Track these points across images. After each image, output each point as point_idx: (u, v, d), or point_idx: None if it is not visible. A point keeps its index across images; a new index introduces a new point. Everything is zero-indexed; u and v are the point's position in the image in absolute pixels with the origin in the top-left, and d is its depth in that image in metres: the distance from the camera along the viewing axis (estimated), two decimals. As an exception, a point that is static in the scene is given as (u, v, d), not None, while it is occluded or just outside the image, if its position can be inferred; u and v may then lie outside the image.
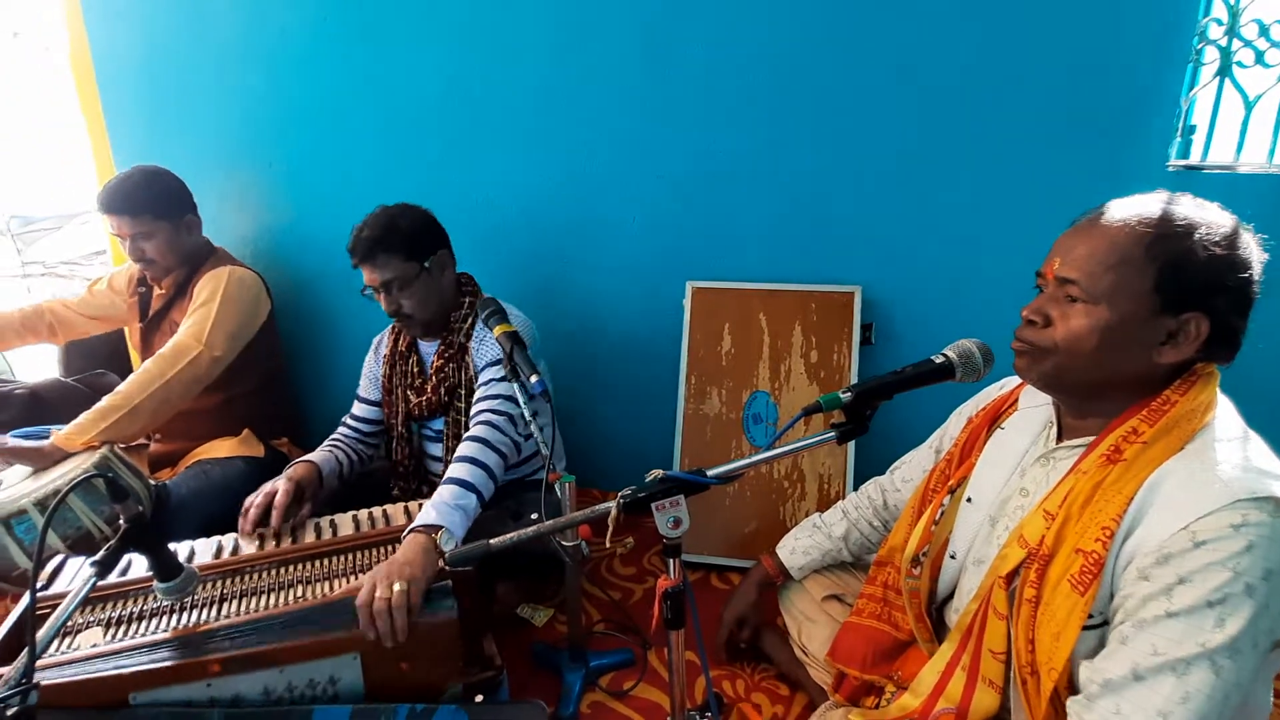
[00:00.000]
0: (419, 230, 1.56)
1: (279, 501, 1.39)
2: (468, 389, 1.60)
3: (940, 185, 1.74)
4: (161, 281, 1.90)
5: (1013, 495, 0.96)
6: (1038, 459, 0.95)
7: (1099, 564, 0.79)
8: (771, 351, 1.86)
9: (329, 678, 1.11)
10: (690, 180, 1.91)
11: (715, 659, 1.47)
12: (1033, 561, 0.84)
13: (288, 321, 2.25)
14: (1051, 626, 0.81)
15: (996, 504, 0.98)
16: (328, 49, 2.07)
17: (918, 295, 1.84)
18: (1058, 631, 0.80)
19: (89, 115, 2.38)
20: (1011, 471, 0.98)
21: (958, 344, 0.92)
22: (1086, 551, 0.80)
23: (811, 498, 1.81)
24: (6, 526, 1.44)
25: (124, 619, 1.16)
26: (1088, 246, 0.84)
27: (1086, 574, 0.79)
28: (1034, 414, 1.00)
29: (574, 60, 1.89)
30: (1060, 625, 0.80)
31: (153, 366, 1.68)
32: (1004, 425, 1.04)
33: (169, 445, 1.95)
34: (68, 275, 7.15)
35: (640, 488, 0.90)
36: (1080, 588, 0.79)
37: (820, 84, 1.75)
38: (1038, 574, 0.83)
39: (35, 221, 7.32)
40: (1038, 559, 0.84)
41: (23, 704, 0.77)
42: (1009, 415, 1.05)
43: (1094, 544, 0.79)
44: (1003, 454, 1.01)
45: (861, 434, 0.92)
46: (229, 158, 2.28)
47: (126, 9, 2.23)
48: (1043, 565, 0.83)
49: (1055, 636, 0.80)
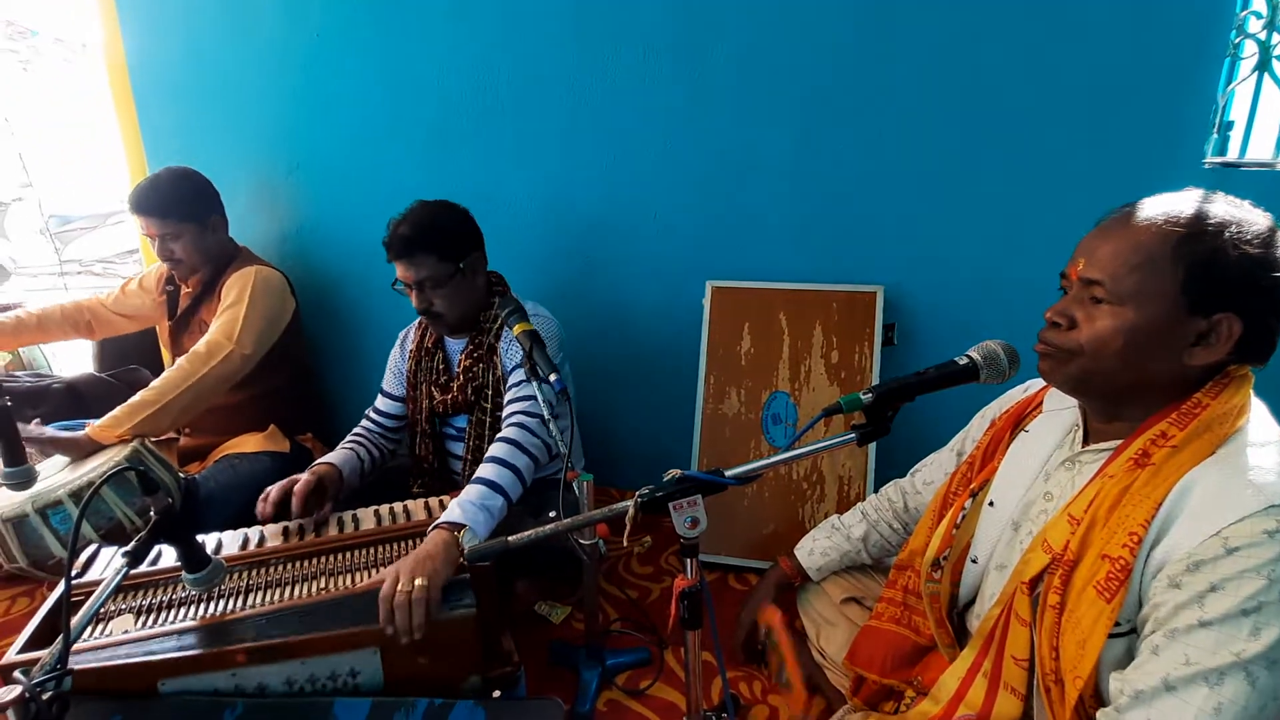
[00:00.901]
0: (456, 230, 1.55)
1: (299, 489, 1.41)
2: (495, 389, 1.60)
3: (967, 184, 1.72)
4: (188, 280, 1.95)
5: (1036, 500, 0.94)
6: (1063, 463, 0.93)
7: (1126, 570, 0.77)
8: (791, 352, 1.85)
9: (349, 670, 1.13)
10: (711, 179, 1.90)
11: (732, 660, 1.46)
12: (1057, 567, 0.83)
13: (312, 320, 2.28)
14: (1076, 634, 0.79)
15: (1019, 508, 0.96)
16: (356, 52, 2.10)
17: (942, 296, 1.81)
18: (1083, 639, 0.79)
19: (123, 117, 2.44)
20: (1035, 475, 0.96)
21: (982, 345, 0.91)
22: (1113, 557, 0.78)
23: (831, 500, 1.79)
24: (43, 516, 1.48)
25: (154, 607, 1.19)
26: (1112, 246, 0.82)
27: (1113, 580, 0.77)
28: (1059, 417, 0.98)
29: (599, 60, 1.89)
30: (1085, 632, 0.79)
31: (185, 364, 1.73)
32: (1028, 428, 1.02)
33: (198, 439, 2.00)
34: (102, 273, 7.35)
35: (658, 487, 0.90)
36: (1106, 594, 0.78)
37: (846, 82, 1.73)
38: (1062, 580, 0.82)
39: (73, 221, 7.55)
40: (1062, 565, 0.82)
41: (57, 689, 0.79)
42: (1033, 418, 1.03)
43: (1121, 550, 0.78)
44: (1026, 458, 0.99)
45: (883, 435, 0.91)
46: (257, 160, 2.33)
47: (160, 14, 2.29)
48: (1067, 571, 0.82)
49: (1080, 644, 0.79)
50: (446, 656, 1.16)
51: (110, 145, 2.59)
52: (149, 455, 1.66)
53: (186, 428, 2.01)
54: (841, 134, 1.77)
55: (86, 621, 0.90)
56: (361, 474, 1.64)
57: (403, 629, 1.11)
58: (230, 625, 1.13)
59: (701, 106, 1.85)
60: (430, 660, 1.15)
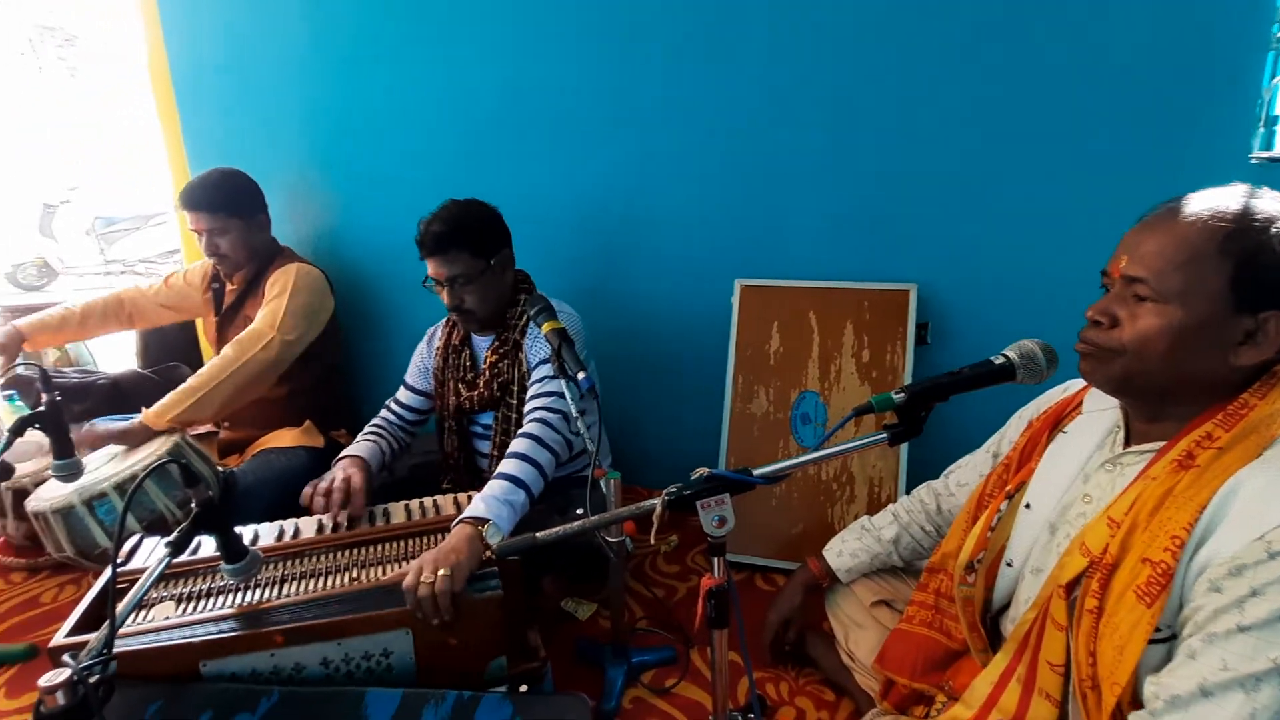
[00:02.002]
0: (487, 228, 1.58)
1: (357, 485, 1.45)
2: (520, 385, 1.61)
3: (1005, 179, 1.68)
4: (233, 277, 2.01)
5: (1075, 502, 0.92)
6: (1103, 464, 0.91)
7: (1168, 575, 0.75)
8: (821, 351, 1.83)
9: (382, 650, 1.16)
10: (740, 177, 1.89)
11: (759, 660, 1.45)
12: (1095, 571, 0.81)
13: (344, 318, 2.32)
14: (1114, 639, 0.77)
15: (1057, 511, 0.94)
16: (387, 56, 2.14)
17: (977, 293, 1.78)
18: (1121, 644, 0.77)
19: (165, 122, 2.52)
20: (1074, 477, 0.94)
21: (1019, 344, 0.89)
22: (1154, 561, 0.76)
23: (861, 501, 1.77)
24: (89, 507, 1.54)
25: (194, 595, 1.23)
26: (1156, 243, 0.80)
27: (1154, 585, 0.75)
28: (1099, 417, 0.96)
29: (627, 59, 1.89)
30: (1124, 638, 0.77)
31: (231, 351, 1.78)
32: (1066, 429, 1.00)
33: (237, 433, 2.05)
34: (144, 273, 7.60)
35: (686, 485, 0.90)
36: (1147, 599, 0.76)
37: (878, 77, 1.71)
38: (1100, 584, 0.80)
39: (117, 223, 7.82)
40: (1100, 568, 0.80)
41: (104, 673, 0.82)
42: (1072, 419, 1.00)
43: (1162, 554, 0.76)
44: (1065, 459, 0.97)
45: (915, 436, 0.90)
46: (292, 162, 2.38)
47: (201, 22, 2.35)
48: (1106, 575, 0.80)
49: (1118, 650, 0.77)
50: (473, 637, 1.19)
51: (152, 149, 2.67)
52: (190, 449, 1.71)
53: (226, 422, 2.07)
54: (873, 129, 1.75)
55: (131, 608, 0.93)
56: (381, 466, 1.67)
57: (429, 616, 1.14)
58: (267, 612, 1.16)
59: (730, 104, 1.84)
60: (459, 641, 1.18)
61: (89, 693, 0.79)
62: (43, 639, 1.57)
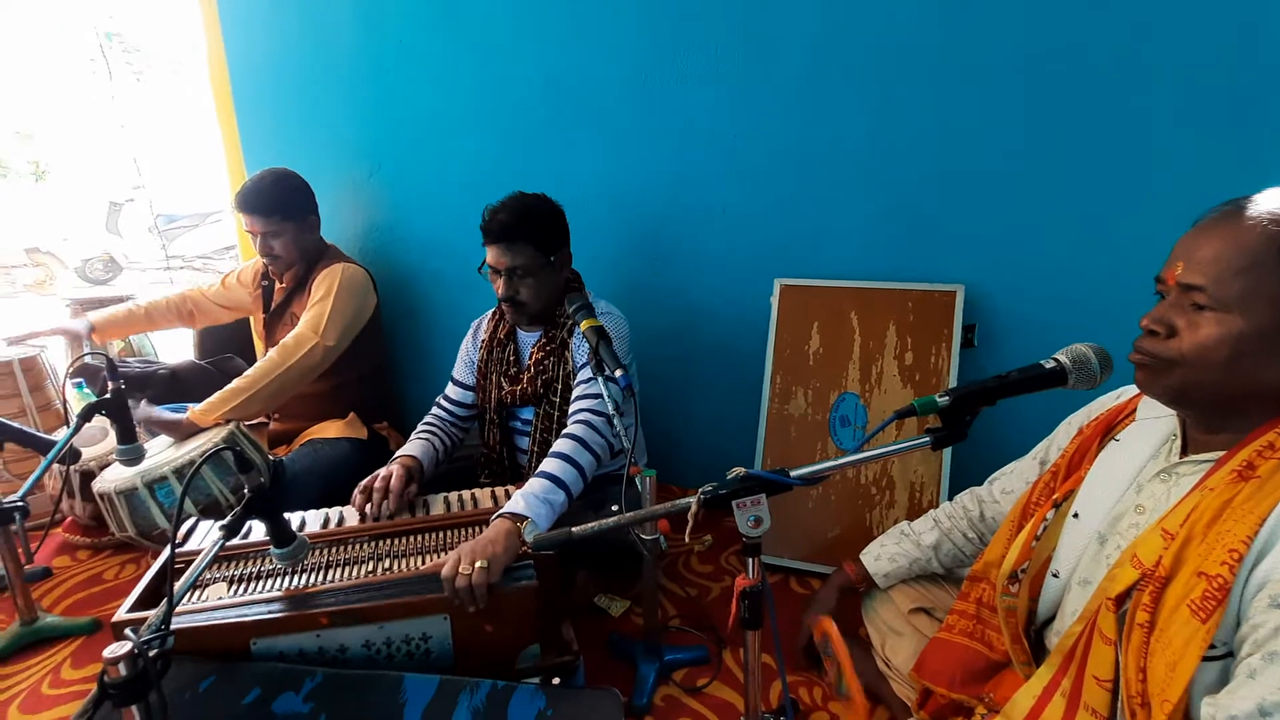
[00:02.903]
0: (552, 224, 1.59)
1: (395, 484, 1.48)
2: (564, 384, 1.63)
3: (1058, 176, 1.63)
4: (283, 276, 2.08)
5: (1126, 512, 0.89)
6: (1157, 474, 0.87)
7: (1224, 589, 0.72)
8: (863, 352, 1.80)
9: (421, 634, 1.20)
10: (782, 175, 1.88)
11: (792, 663, 1.44)
12: (1147, 583, 0.78)
13: (388, 313, 2.39)
14: (1167, 655, 0.75)
15: (1107, 521, 0.91)
16: (433, 59, 2.19)
17: (1027, 296, 1.72)
18: (1174, 661, 0.74)
19: (224, 123, 2.63)
20: (1126, 486, 0.91)
21: (1071, 348, 0.86)
22: (1210, 575, 0.73)
23: (901, 506, 1.73)
24: (150, 490, 1.61)
25: (245, 577, 1.28)
26: (1213, 248, 0.76)
27: (1209, 600, 0.72)
28: (1154, 425, 0.92)
29: (669, 58, 1.90)
30: (1177, 654, 0.74)
31: (276, 355, 1.85)
32: (1119, 437, 0.96)
33: (285, 425, 2.13)
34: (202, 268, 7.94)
35: (722, 484, 0.90)
36: (1201, 614, 0.73)
37: (924, 71, 1.68)
38: (1152, 597, 0.77)
39: (177, 220, 8.18)
40: (1153, 581, 0.77)
41: (162, 647, 0.86)
42: (1125, 426, 0.97)
43: (1219, 567, 0.72)
44: (1116, 467, 0.93)
45: (959, 440, 0.88)
46: (342, 162, 2.45)
47: (258, 28, 2.44)
48: (1159, 588, 0.77)
49: (1170, 666, 0.74)
50: (508, 624, 1.22)
51: (211, 149, 2.79)
52: (243, 438, 1.78)
53: (275, 413, 2.14)
54: (920, 125, 1.71)
55: (187, 588, 0.98)
56: (435, 463, 1.71)
57: (466, 604, 1.17)
58: (313, 596, 1.20)
59: (772, 101, 1.83)
60: (495, 628, 1.21)
61: (148, 665, 0.83)
62: (104, 614, 1.66)
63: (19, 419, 2.01)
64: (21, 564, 1.55)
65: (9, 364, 2.12)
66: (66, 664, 1.51)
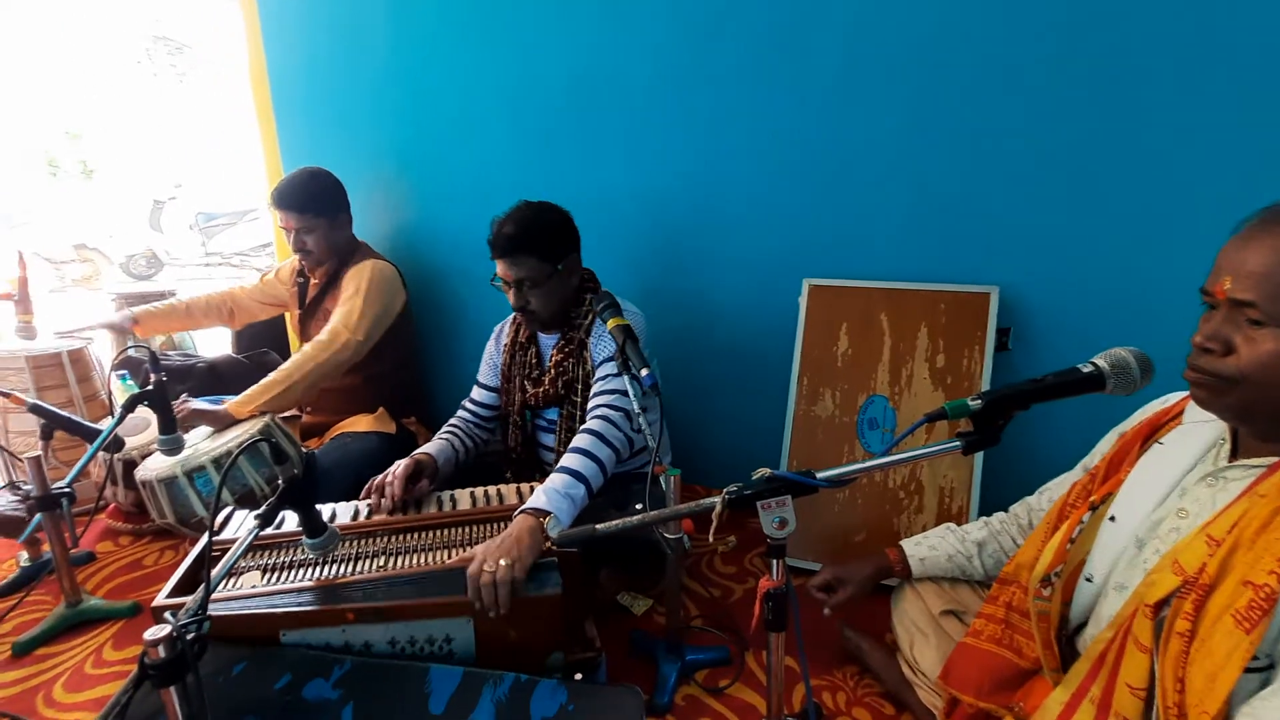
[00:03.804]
0: (557, 232, 1.61)
1: (400, 472, 1.51)
2: (584, 383, 1.64)
3: (1097, 176, 1.58)
4: (316, 272, 2.13)
5: (1168, 516, 0.86)
6: (1203, 478, 0.85)
7: (1271, 599, 0.70)
8: (893, 354, 1.77)
9: (445, 636, 1.21)
10: (813, 173, 1.86)
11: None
12: (1189, 591, 0.76)
13: (417, 310, 2.42)
14: (1207, 665, 0.73)
15: (1146, 525, 0.89)
16: (463, 61, 2.21)
17: (1065, 298, 1.68)
18: (1214, 671, 0.72)
19: (263, 123, 2.69)
20: (1169, 490, 0.88)
21: (1110, 352, 0.84)
22: (1257, 584, 0.71)
23: (930, 511, 1.70)
24: (189, 479, 1.66)
25: (277, 566, 1.31)
26: (1261, 260, 0.73)
27: (1255, 609, 0.70)
28: (1202, 429, 0.90)
29: (699, 56, 1.89)
30: (1218, 665, 0.72)
31: (310, 349, 1.90)
32: (1163, 440, 0.94)
33: (317, 418, 2.18)
34: (239, 265, 8.15)
35: (747, 485, 0.89)
36: (1246, 624, 0.70)
37: (961, 65, 1.64)
38: (1194, 605, 0.75)
39: (216, 218, 8.42)
40: (1196, 588, 0.75)
41: (199, 631, 0.89)
42: (1170, 429, 0.94)
43: (1267, 576, 0.70)
44: (1159, 471, 0.91)
45: (991, 445, 0.86)
46: (374, 161, 2.50)
47: (297, 30, 2.50)
48: (1201, 596, 0.75)
49: (1210, 677, 0.72)
50: (532, 632, 1.22)
51: (249, 148, 2.86)
52: (278, 430, 1.83)
53: (307, 407, 2.19)
54: (954, 122, 1.68)
55: (223, 575, 1.01)
56: (456, 463, 1.72)
57: (489, 605, 1.17)
58: (342, 588, 1.23)
59: (803, 98, 1.81)
60: (518, 634, 1.21)
61: (186, 648, 0.86)
62: (144, 598, 1.71)
63: (67, 408, 2.08)
64: (68, 548, 1.61)
65: (58, 355, 2.20)
66: (108, 645, 1.56)
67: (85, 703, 1.39)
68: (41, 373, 2.18)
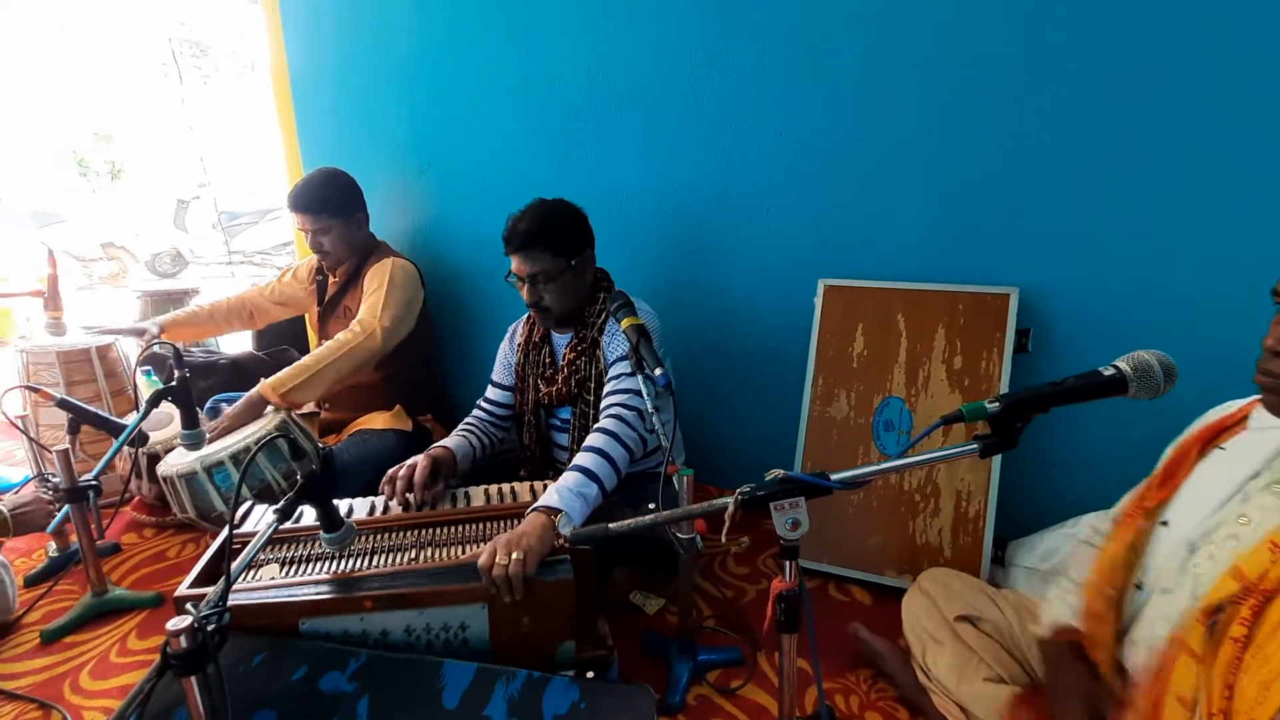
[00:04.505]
0: (571, 229, 1.61)
1: (419, 478, 1.50)
2: (597, 382, 1.65)
3: (1120, 175, 1.56)
4: (335, 271, 2.16)
5: (1227, 521, 0.84)
6: (1269, 485, 0.82)
7: None
8: (909, 355, 1.76)
9: (460, 623, 1.23)
10: (830, 172, 1.85)
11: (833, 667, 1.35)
12: (1248, 596, 0.74)
13: (435, 309, 2.45)
14: (1262, 673, 0.70)
15: (1200, 530, 0.86)
16: (481, 60, 2.23)
17: (1086, 300, 1.65)
18: (1268, 680, 0.70)
19: (284, 124, 2.73)
20: (1228, 496, 0.86)
21: (1132, 355, 0.82)
22: None
23: (946, 515, 1.69)
24: (209, 474, 1.69)
25: (295, 560, 1.33)
26: None
27: None
28: (1269, 436, 0.87)
29: (716, 54, 1.89)
30: (1274, 673, 0.69)
31: (343, 336, 1.94)
32: (1224, 445, 0.91)
33: (335, 414, 2.20)
34: (261, 263, 8.27)
35: (760, 485, 0.89)
36: None
37: (983, 63, 1.62)
38: (1253, 611, 0.73)
39: (239, 217, 8.56)
40: (1256, 594, 0.73)
41: (220, 622, 0.91)
42: (1233, 434, 0.91)
43: None
44: (1219, 476, 0.88)
45: (1009, 449, 0.84)
46: (394, 161, 2.52)
47: (318, 33, 2.54)
48: (1261, 602, 0.73)
49: (1264, 685, 0.70)
50: (546, 618, 1.24)
51: (271, 149, 2.91)
52: (296, 427, 1.85)
53: (326, 403, 2.22)
54: (974, 120, 1.66)
55: (243, 567, 1.02)
56: (473, 460, 1.73)
57: (501, 595, 1.19)
58: (359, 580, 1.25)
59: (821, 96, 1.80)
60: (531, 621, 1.23)
61: (207, 638, 0.88)
62: (167, 589, 1.75)
63: (94, 402, 2.13)
64: (94, 539, 1.65)
65: (87, 351, 2.25)
66: (133, 634, 1.60)
67: (111, 690, 1.42)
68: (71, 368, 2.23)
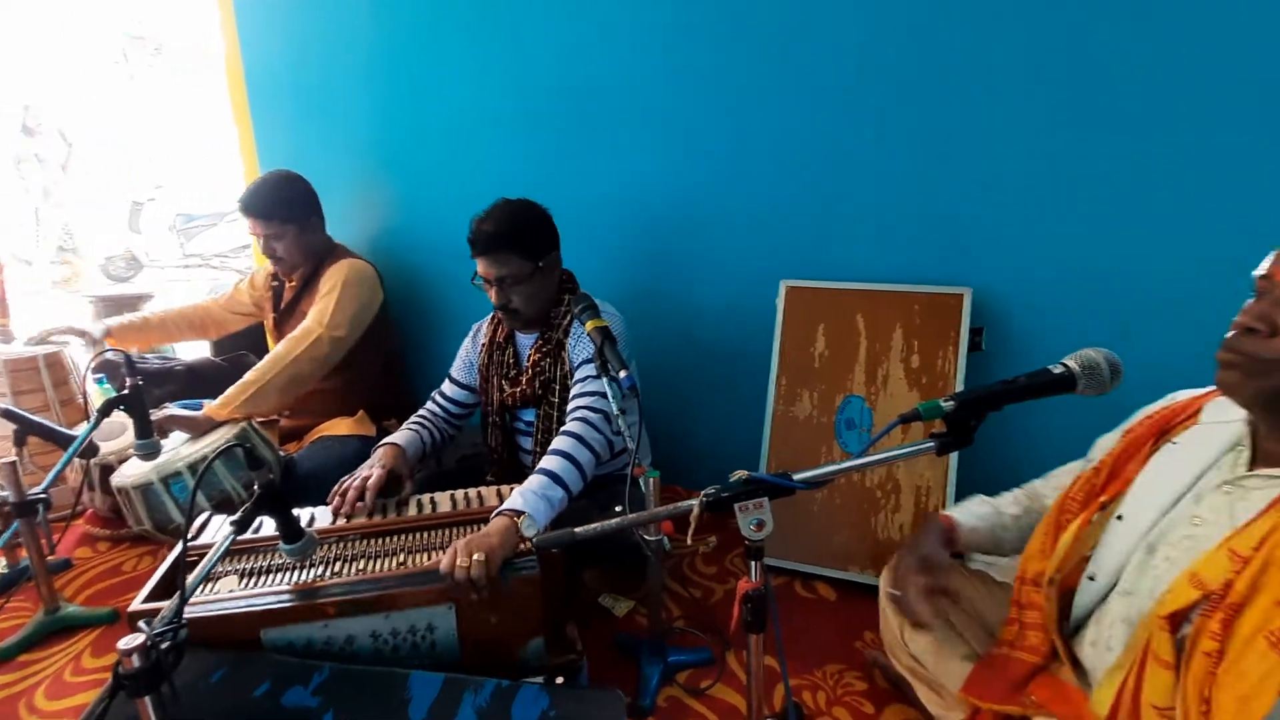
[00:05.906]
0: (538, 230, 1.61)
1: (369, 495, 1.47)
2: (562, 384, 1.64)
3: (1069, 178, 1.61)
4: (291, 276, 2.11)
5: (1181, 522, 0.85)
6: (1220, 485, 0.84)
7: None
8: (868, 355, 1.80)
9: (427, 625, 1.22)
10: (788, 175, 1.88)
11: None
12: (1215, 609, 0.74)
13: (398, 312, 2.41)
14: (1239, 688, 0.71)
15: (1157, 530, 0.87)
16: (443, 62, 2.22)
17: (1038, 300, 1.71)
18: (1247, 694, 0.70)
19: (240, 123, 2.67)
20: (1181, 493, 0.87)
21: (1080, 353, 0.85)
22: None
23: (907, 510, 1.73)
24: (165, 485, 1.65)
25: (255, 571, 1.30)
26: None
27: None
28: (1219, 431, 0.88)
29: (674, 58, 1.90)
30: (1251, 688, 0.70)
31: (282, 347, 1.88)
32: (1177, 439, 0.92)
33: (296, 421, 2.16)
34: (219, 266, 8.05)
35: (724, 487, 0.90)
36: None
37: (933, 66, 1.67)
38: (1223, 624, 0.73)
39: (195, 219, 8.31)
40: (1223, 607, 0.73)
41: (175, 639, 0.88)
42: (1185, 428, 0.93)
43: None
44: (1172, 472, 0.90)
45: (964, 446, 0.86)
46: (355, 161, 2.48)
47: (274, 28, 2.48)
48: (1230, 615, 0.73)
49: (1242, 700, 0.70)
50: (513, 617, 1.24)
51: (227, 148, 2.83)
52: (255, 435, 1.81)
53: (287, 410, 2.17)
54: (929, 126, 1.70)
55: (200, 580, 1.00)
56: (423, 455, 1.70)
57: (464, 597, 1.18)
58: (320, 590, 1.22)
59: (779, 102, 1.83)
60: (499, 619, 1.23)
61: (161, 657, 0.85)
62: (123, 604, 1.69)
63: (43, 413, 2.05)
64: (44, 554, 1.59)
65: (34, 359, 2.17)
66: (87, 652, 1.55)
67: (66, 710, 1.38)
68: (17, 377, 2.14)
